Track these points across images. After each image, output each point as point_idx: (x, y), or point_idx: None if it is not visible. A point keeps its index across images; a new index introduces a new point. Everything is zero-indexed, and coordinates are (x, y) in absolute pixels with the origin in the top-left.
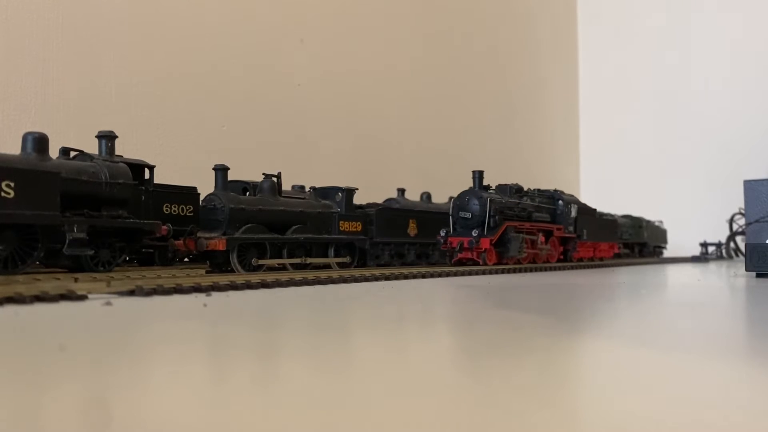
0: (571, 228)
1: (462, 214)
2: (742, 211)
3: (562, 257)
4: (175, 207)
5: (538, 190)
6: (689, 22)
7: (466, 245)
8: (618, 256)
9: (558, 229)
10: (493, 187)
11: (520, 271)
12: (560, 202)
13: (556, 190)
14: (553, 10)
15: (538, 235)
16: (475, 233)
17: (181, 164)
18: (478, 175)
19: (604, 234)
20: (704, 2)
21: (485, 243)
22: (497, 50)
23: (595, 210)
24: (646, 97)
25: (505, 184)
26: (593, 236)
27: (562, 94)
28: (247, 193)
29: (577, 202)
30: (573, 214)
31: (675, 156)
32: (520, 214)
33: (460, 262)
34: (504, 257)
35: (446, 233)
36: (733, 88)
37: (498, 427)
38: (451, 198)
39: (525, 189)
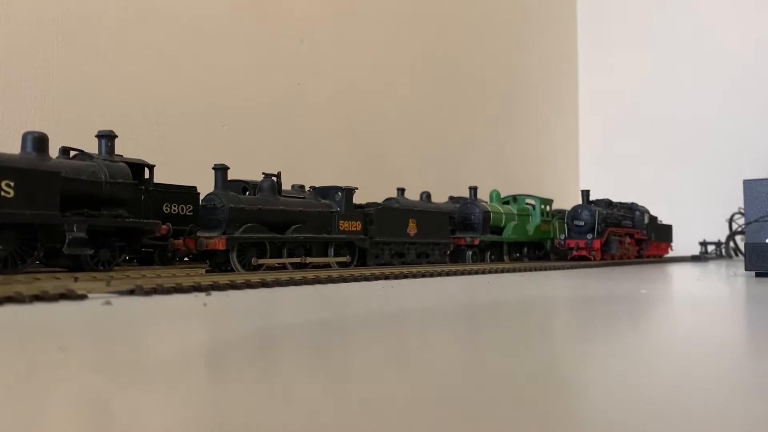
0: (644, 232)
1: (576, 222)
2: (742, 211)
3: (637, 255)
4: (174, 206)
5: (620, 202)
6: (689, 23)
7: (582, 246)
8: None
9: (636, 233)
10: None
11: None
12: (637, 212)
13: (633, 203)
14: (552, 13)
15: (626, 238)
16: (589, 237)
17: (181, 164)
18: (586, 194)
19: (663, 236)
20: (705, 3)
21: (597, 244)
22: (497, 50)
23: (656, 217)
24: (646, 98)
25: (599, 199)
26: (656, 238)
27: (562, 96)
28: (247, 193)
29: (647, 211)
30: (645, 221)
31: (674, 156)
32: (615, 222)
33: (571, 258)
34: (606, 254)
35: (565, 237)
36: (733, 87)
37: (498, 427)
38: (450, 197)
39: (613, 202)
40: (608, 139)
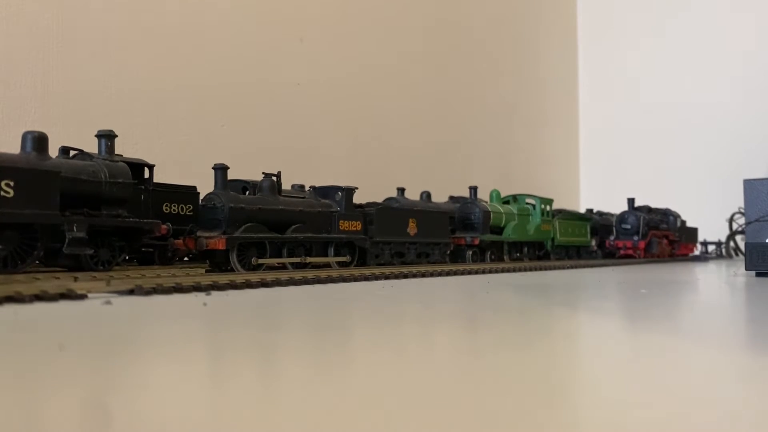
0: (676, 234)
1: (623, 225)
2: (742, 211)
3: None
4: (174, 206)
5: (657, 208)
6: (689, 23)
7: (629, 246)
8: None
9: (670, 234)
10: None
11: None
12: (671, 216)
13: (667, 209)
14: (552, 12)
15: (663, 239)
16: (635, 239)
17: (181, 163)
18: (632, 201)
19: (690, 238)
20: (708, 3)
21: (642, 244)
22: (497, 50)
23: (685, 221)
24: (646, 98)
25: (641, 205)
26: (685, 240)
27: (562, 96)
28: (247, 193)
29: (679, 216)
30: (678, 225)
31: (674, 156)
32: (655, 225)
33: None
34: (648, 253)
35: (614, 238)
36: (734, 87)
37: (498, 428)
38: (450, 197)
39: (652, 208)
40: (609, 138)
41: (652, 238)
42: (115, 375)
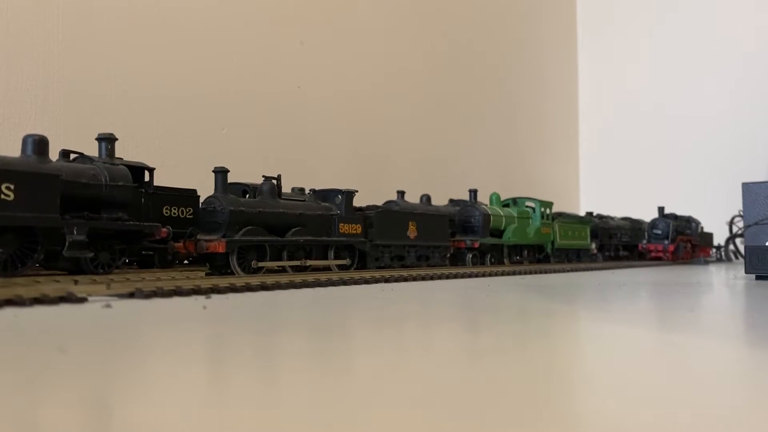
0: (697, 239)
1: (655, 231)
2: (742, 214)
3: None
4: (174, 209)
5: (681, 215)
6: (688, 26)
7: (660, 249)
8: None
9: (693, 239)
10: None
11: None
12: (693, 223)
13: (690, 216)
14: (552, 14)
15: (687, 243)
16: (666, 243)
17: (181, 167)
18: (662, 209)
19: (707, 242)
20: (706, 7)
21: (671, 248)
22: (498, 52)
23: (703, 227)
24: (646, 100)
25: (668, 213)
26: (703, 244)
27: (562, 99)
28: (247, 196)
29: (699, 222)
30: (699, 230)
31: (674, 158)
32: (681, 231)
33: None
34: (675, 256)
35: (645, 242)
36: (733, 90)
37: (498, 428)
38: (450, 200)
39: (678, 216)
40: (608, 142)
41: (680, 242)
42: (116, 378)
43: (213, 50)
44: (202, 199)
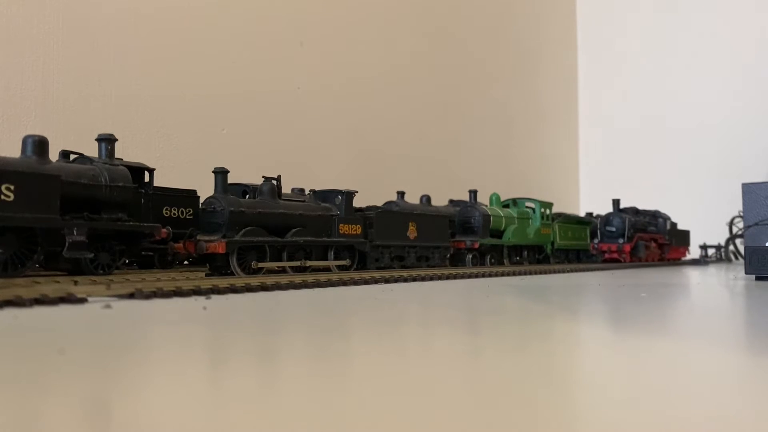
0: (666, 237)
1: (608, 228)
2: (742, 214)
3: (659, 257)
4: (174, 210)
5: (645, 210)
6: (688, 26)
7: (614, 249)
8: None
9: (660, 237)
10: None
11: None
12: (660, 219)
13: (657, 210)
14: (552, 15)
15: (651, 242)
16: (620, 242)
17: (181, 167)
18: (617, 202)
19: (681, 241)
20: (705, 7)
21: (627, 248)
22: (498, 53)
23: (676, 224)
24: (646, 101)
25: (627, 207)
26: (676, 243)
27: (562, 100)
28: (247, 196)
29: (669, 218)
30: (667, 227)
31: (674, 159)
32: (642, 228)
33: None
34: (634, 257)
35: (598, 241)
36: (733, 90)
37: (498, 428)
38: (450, 200)
39: (640, 210)
40: (608, 142)
41: (639, 241)
42: (116, 379)
43: (213, 50)
44: (202, 200)
